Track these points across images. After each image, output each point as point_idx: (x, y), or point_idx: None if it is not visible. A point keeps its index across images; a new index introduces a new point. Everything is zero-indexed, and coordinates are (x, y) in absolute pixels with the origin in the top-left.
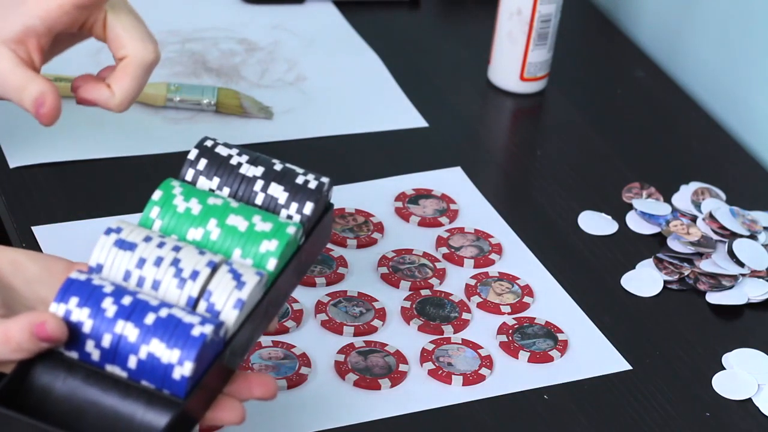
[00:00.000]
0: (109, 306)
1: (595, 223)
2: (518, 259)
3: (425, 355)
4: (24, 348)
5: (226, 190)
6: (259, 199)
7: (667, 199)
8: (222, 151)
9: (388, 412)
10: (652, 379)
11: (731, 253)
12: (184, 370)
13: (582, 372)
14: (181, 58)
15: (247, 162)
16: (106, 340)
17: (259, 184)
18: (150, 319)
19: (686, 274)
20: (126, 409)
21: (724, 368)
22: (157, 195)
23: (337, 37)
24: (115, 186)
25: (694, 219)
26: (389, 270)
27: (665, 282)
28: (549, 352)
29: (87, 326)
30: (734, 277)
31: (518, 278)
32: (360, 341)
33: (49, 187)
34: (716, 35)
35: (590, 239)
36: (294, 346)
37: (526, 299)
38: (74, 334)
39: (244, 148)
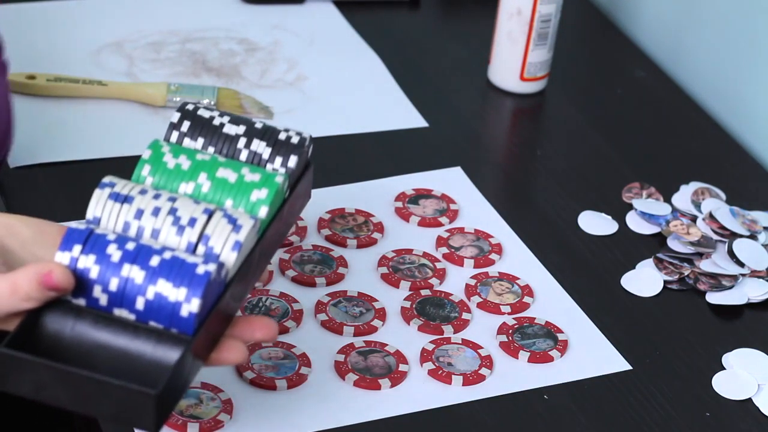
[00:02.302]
0: (114, 251)
1: (595, 223)
2: (518, 259)
3: (425, 355)
4: (32, 297)
5: (211, 150)
6: (244, 156)
7: (667, 199)
8: (204, 113)
9: (388, 412)
10: (652, 379)
11: (731, 253)
12: (192, 306)
13: (582, 372)
14: (181, 58)
15: (229, 122)
16: (113, 284)
17: (242, 141)
18: (155, 261)
19: (686, 274)
20: (136, 349)
21: (724, 368)
22: (146, 154)
23: (337, 37)
24: None
25: (694, 219)
26: (389, 270)
27: (665, 282)
28: (549, 352)
29: (93, 272)
30: (734, 277)
31: (518, 278)
32: (360, 341)
33: (49, 187)
34: (716, 35)
35: (590, 239)
36: (294, 346)
37: (526, 299)
38: (81, 282)
39: (224, 111)
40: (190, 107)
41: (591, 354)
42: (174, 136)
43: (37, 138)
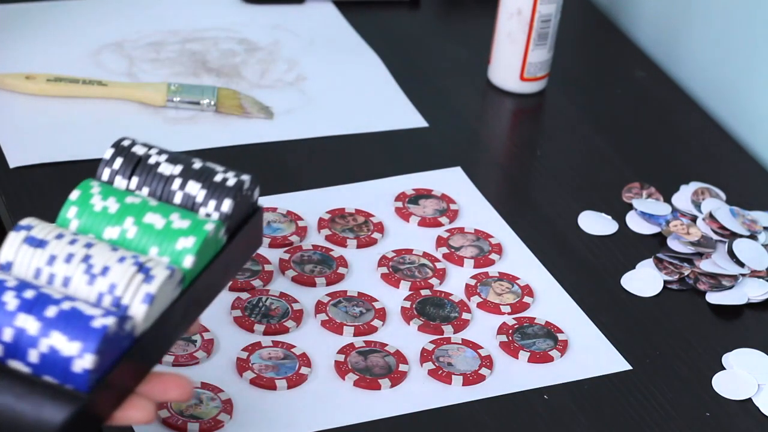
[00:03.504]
0: (10, 299)
1: (595, 223)
2: (518, 259)
3: (425, 355)
4: None
5: (145, 190)
6: (178, 198)
7: (667, 199)
8: (139, 150)
9: (388, 412)
10: (652, 379)
11: (731, 253)
12: (85, 362)
13: (582, 372)
14: (181, 58)
15: (166, 161)
16: (7, 334)
17: (177, 182)
18: (51, 311)
19: (686, 274)
20: (30, 403)
21: (724, 368)
22: (74, 195)
23: (337, 37)
24: None
25: (694, 219)
26: (389, 270)
27: (665, 282)
28: (549, 352)
29: None
30: (734, 277)
31: (518, 278)
32: (360, 341)
33: (49, 187)
34: (716, 35)
35: (590, 239)
36: (294, 346)
37: (526, 299)
38: None
39: (165, 148)
40: (126, 143)
41: (591, 354)
42: (106, 173)
43: (37, 138)
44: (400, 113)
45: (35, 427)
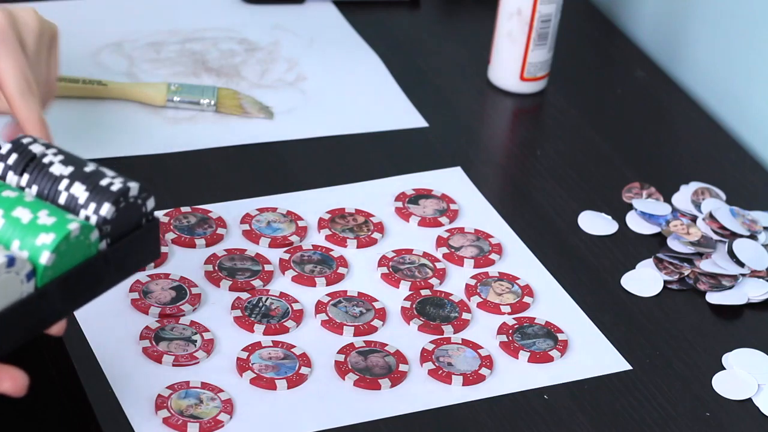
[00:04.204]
0: None
1: (595, 223)
2: (518, 259)
3: (425, 355)
4: None
5: (35, 188)
6: (62, 199)
7: (667, 199)
8: (36, 148)
9: (388, 412)
10: (652, 379)
11: (731, 253)
12: None
13: (582, 372)
14: (181, 58)
15: (60, 162)
16: None
17: (64, 183)
18: None
19: (686, 274)
20: None
21: (724, 368)
22: None
23: (337, 37)
24: None
25: (694, 219)
26: (389, 270)
27: (665, 282)
28: (549, 352)
29: None
30: (734, 277)
31: (518, 278)
32: (360, 341)
33: None
34: (716, 35)
35: (590, 239)
36: (294, 346)
37: (526, 299)
38: None
39: (66, 151)
40: (26, 140)
41: (591, 354)
42: None
43: None
44: (400, 113)
45: None
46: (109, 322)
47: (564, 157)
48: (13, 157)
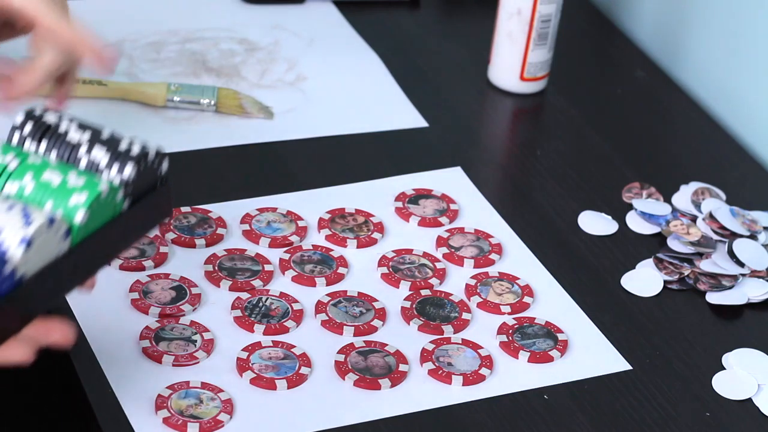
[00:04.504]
0: None
1: (595, 223)
2: (518, 259)
3: (425, 355)
4: None
5: (53, 155)
6: (83, 164)
7: (667, 199)
8: (50, 118)
9: (388, 412)
10: (652, 379)
11: (731, 253)
12: None
13: (582, 372)
14: (181, 58)
15: (76, 129)
16: None
17: (84, 148)
18: None
19: (686, 274)
20: None
21: (724, 368)
22: None
23: (337, 37)
24: None
25: (694, 219)
26: (389, 270)
27: (665, 282)
28: (549, 352)
29: None
30: (734, 277)
31: (518, 278)
32: (360, 341)
33: None
34: (716, 35)
35: (590, 239)
36: (294, 346)
37: (526, 299)
38: None
39: (77, 117)
40: (37, 111)
41: (591, 354)
42: (15, 138)
43: None
44: (400, 113)
45: None
46: (109, 322)
47: (564, 157)
48: (29, 126)
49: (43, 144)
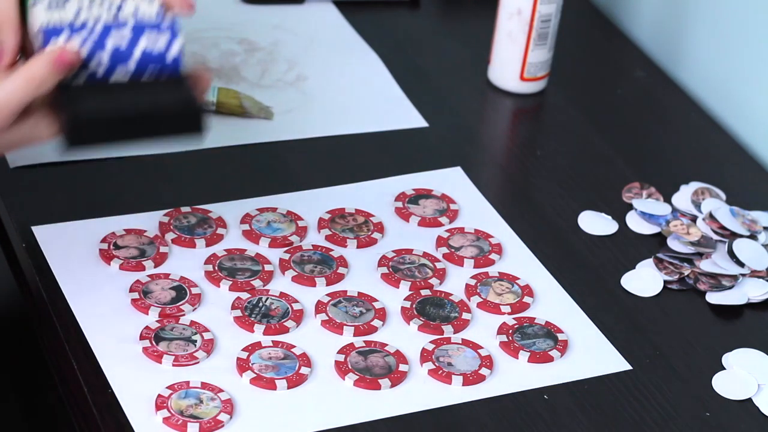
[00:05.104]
0: (89, 32)
1: (595, 223)
2: (518, 259)
3: (425, 355)
4: (47, 82)
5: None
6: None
7: (667, 199)
8: None
9: (388, 412)
10: (652, 379)
11: (731, 253)
12: (174, 50)
13: (582, 372)
14: None
15: None
16: (105, 57)
17: None
18: (127, 30)
19: (686, 274)
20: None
21: (724, 368)
22: None
23: (337, 37)
24: (114, 186)
25: (694, 219)
26: (389, 270)
27: (665, 282)
28: (549, 352)
29: (84, 51)
30: (734, 277)
31: (518, 278)
32: (360, 341)
33: (49, 187)
34: (716, 35)
35: (590, 239)
36: (294, 346)
37: (526, 299)
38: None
39: None
40: None
41: (591, 354)
42: None
43: None
44: (400, 113)
45: (173, 105)
46: (109, 322)
47: (564, 157)
48: None
49: None
